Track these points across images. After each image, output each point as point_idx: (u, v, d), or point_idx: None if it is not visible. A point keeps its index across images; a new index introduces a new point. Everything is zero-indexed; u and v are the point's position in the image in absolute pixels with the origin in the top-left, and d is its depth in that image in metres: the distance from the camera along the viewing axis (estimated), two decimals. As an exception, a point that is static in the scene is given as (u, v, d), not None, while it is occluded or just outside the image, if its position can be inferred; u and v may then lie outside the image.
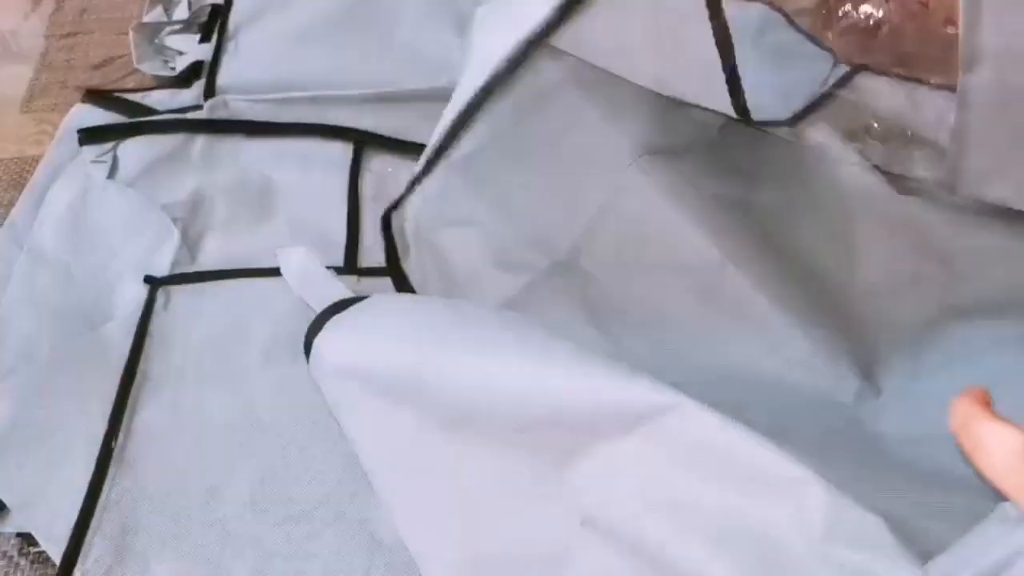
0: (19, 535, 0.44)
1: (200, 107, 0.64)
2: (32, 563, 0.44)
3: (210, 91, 0.65)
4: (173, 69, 0.69)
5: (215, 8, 0.72)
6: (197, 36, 0.70)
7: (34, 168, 0.61)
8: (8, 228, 0.57)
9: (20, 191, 0.60)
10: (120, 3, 0.78)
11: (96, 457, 0.45)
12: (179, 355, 0.50)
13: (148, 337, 0.51)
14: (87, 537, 0.43)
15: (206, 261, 0.56)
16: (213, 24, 0.70)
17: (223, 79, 0.66)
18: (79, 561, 0.42)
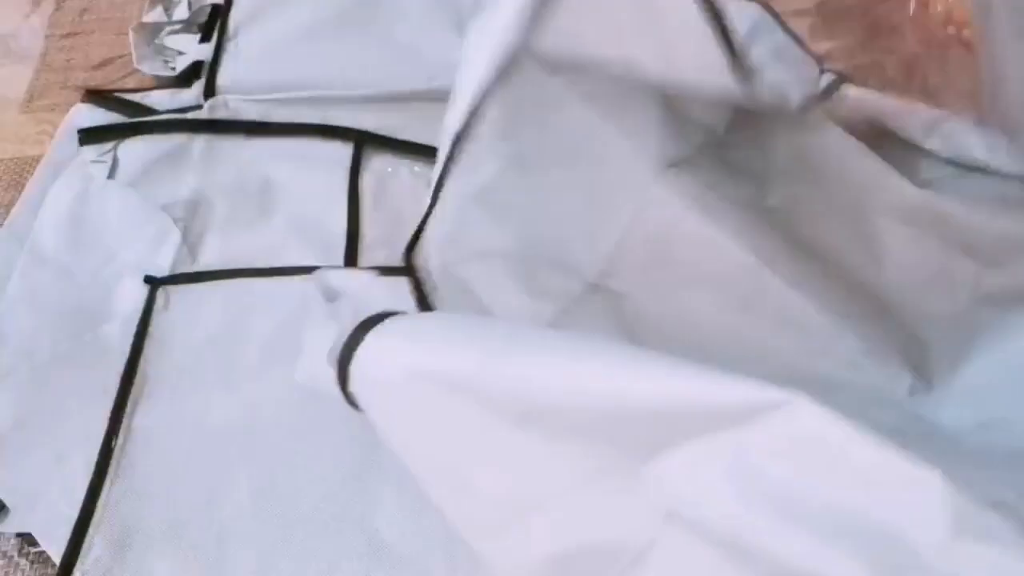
0: (19, 535, 0.44)
1: (200, 107, 0.64)
2: (32, 563, 0.44)
3: (210, 91, 0.65)
4: (173, 69, 0.69)
5: (215, 8, 0.72)
6: (197, 36, 0.70)
7: (34, 168, 0.61)
8: (8, 228, 0.57)
9: (20, 191, 0.60)
10: (120, 3, 0.78)
11: (96, 457, 0.45)
12: (179, 355, 0.50)
13: (148, 337, 0.51)
14: (87, 537, 0.43)
15: (206, 261, 0.56)
16: (213, 24, 0.70)
17: (223, 79, 0.66)
18: (79, 561, 0.42)
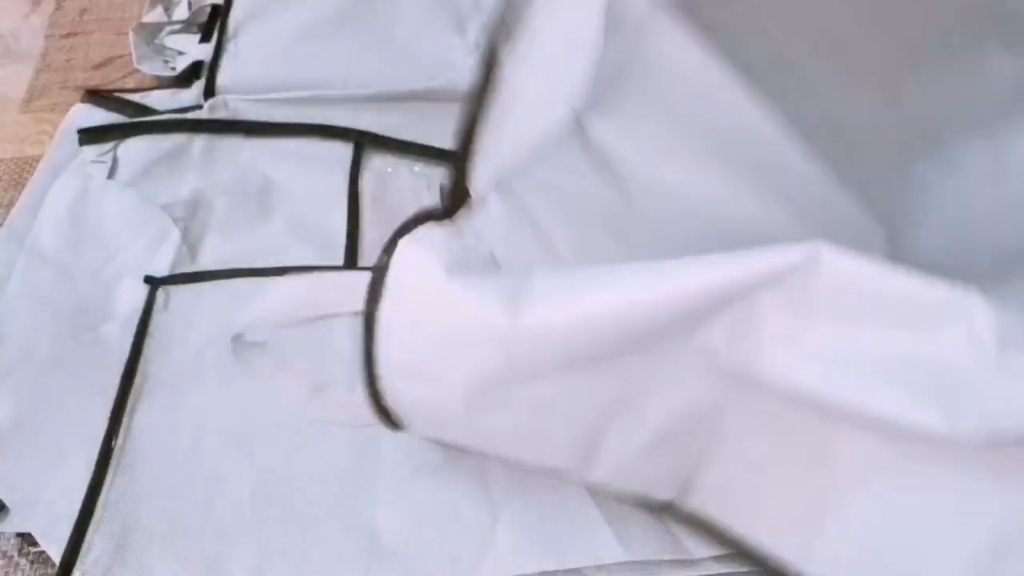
0: (19, 535, 0.44)
1: (200, 107, 0.64)
2: (32, 563, 0.44)
3: (210, 91, 0.65)
4: (173, 69, 0.69)
5: (215, 8, 0.72)
6: (197, 36, 0.70)
7: (34, 168, 0.61)
8: (8, 228, 0.57)
9: (20, 191, 0.60)
10: (120, 3, 0.78)
11: (96, 457, 0.45)
12: (179, 355, 0.50)
13: (148, 337, 0.51)
14: (87, 537, 0.43)
15: (206, 261, 0.55)
16: (213, 24, 0.70)
17: (223, 79, 0.66)
18: (79, 561, 0.42)
